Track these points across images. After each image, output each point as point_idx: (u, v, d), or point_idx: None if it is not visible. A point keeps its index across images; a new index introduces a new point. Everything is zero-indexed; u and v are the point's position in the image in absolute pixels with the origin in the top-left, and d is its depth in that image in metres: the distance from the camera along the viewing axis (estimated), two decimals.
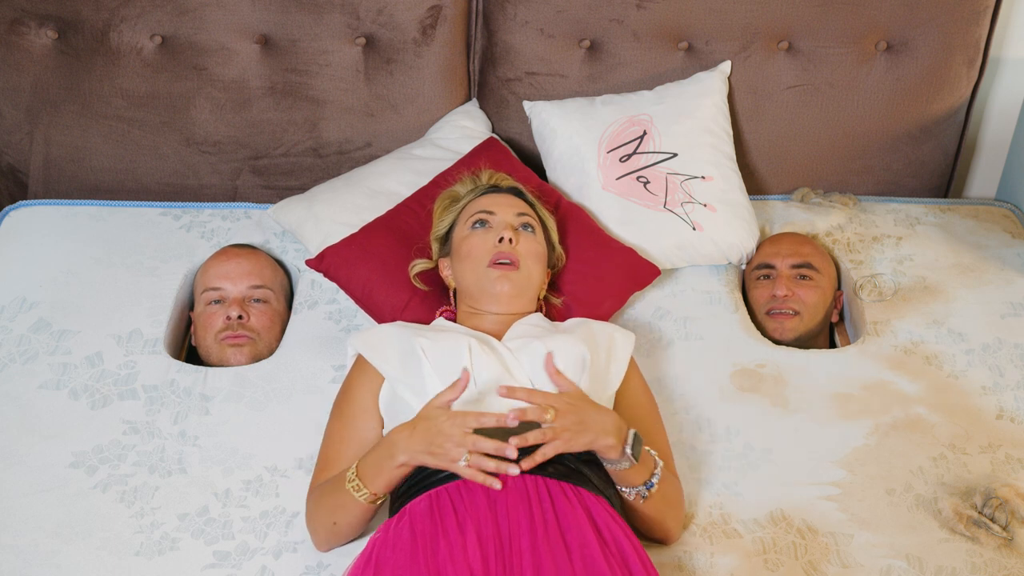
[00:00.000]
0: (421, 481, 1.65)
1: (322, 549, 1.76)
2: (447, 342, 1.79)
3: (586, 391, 1.75)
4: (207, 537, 1.79)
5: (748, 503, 1.86)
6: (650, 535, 1.77)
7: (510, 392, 1.63)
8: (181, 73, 2.48)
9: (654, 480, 1.69)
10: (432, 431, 1.60)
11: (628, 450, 1.65)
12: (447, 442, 1.59)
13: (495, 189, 2.07)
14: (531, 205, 2.07)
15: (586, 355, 1.78)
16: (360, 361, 1.88)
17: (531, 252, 1.97)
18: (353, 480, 1.67)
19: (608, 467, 1.68)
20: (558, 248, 2.15)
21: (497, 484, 1.58)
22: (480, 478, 1.58)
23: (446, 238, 2.07)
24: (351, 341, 1.89)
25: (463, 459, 1.58)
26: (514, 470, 1.58)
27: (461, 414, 1.61)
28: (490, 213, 1.99)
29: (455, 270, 2.00)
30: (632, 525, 1.75)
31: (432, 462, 1.61)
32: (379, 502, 1.70)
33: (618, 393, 1.86)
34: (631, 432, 1.67)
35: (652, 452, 1.72)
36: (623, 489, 1.70)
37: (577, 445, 1.62)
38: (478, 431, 1.62)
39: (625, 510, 1.75)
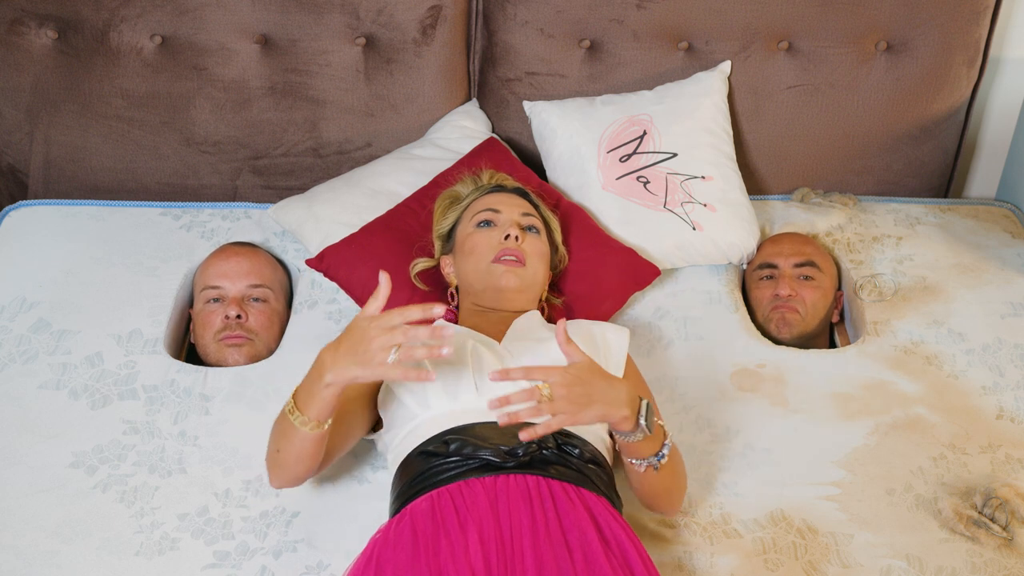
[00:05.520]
0: (422, 481, 1.64)
1: (273, 484, 1.73)
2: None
3: None
4: (207, 537, 1.79)
5: (748, 503, 1.86)
6: (654, 507, 1.76)
7: (503, 375, 1.55)
8: (181, 73, 2.48)
9: (665, 451, 1.66)
10: (356, 338, 1.52)
11: (643, 421, 1.61)
12: (372, 343, 1.50)
13: (500, 188, 2.07)
14: (535, 206, 2.08)
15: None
16: None
17: (536, 251, 1.97)
18: (290, 405, 1.61)
19: (619, 439, 1.64)
20: (561, 249, 2.15)
21: (431, 376, 1.49)
22: (412, 375, 1.49)
23: (449, 235, 2.07)
24: None
25: (392, 356, 1.49)
26: (446, 351, 1.49)
27: (385, 314, 1.52)
28: (496, 212, 1.99)
29: (457, 267, 2.00)
30: (639, 501, 1.75)
31: (361, 373, 1.51)
32: (318, 431, 1.61)
33: None
34: (644, 403, 1.63)
35: (661, 423, 1.68)
36: (633, 461, 1.66)
37: (584, 418, 1.56)
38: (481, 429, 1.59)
39: (631, 485, 1.74)
